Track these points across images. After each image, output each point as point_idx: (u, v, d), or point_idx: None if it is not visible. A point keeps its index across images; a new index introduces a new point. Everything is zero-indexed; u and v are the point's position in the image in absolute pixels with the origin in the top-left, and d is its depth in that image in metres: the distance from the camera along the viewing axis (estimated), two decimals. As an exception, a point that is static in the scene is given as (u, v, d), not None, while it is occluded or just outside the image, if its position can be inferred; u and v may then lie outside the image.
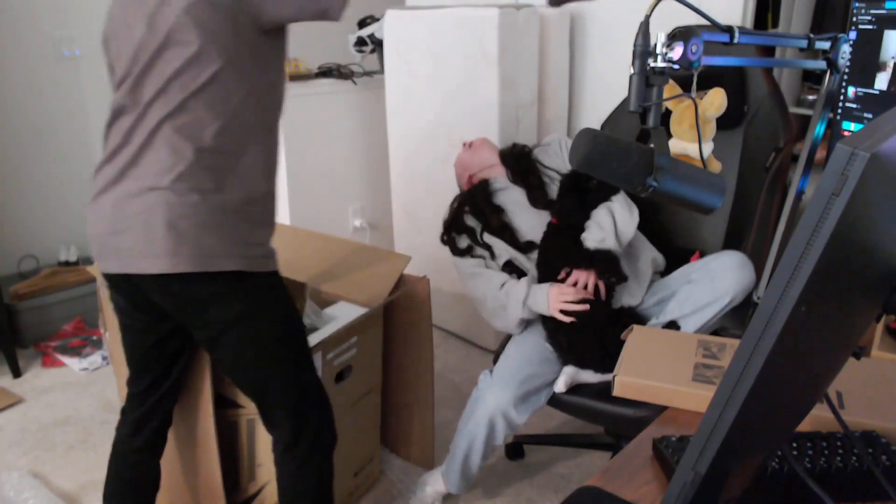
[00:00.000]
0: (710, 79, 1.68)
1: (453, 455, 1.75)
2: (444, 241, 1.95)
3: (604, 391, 1.58)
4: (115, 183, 1.27)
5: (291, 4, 1.24)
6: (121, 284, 1.35)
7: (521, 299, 1.72)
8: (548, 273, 1.74)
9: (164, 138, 1.23)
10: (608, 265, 1.65)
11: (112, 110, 1.30)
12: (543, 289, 1.69)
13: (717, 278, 1.54)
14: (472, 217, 1.92)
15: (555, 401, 1.65)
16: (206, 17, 1.20)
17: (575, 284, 1.68)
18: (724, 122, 1.74)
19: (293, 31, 1.36)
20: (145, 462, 1.51)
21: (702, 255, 1.70)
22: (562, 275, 1.71)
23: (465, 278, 1.89)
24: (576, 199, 1.79)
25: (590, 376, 1.63)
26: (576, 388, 1.63)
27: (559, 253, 1.74)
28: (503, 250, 1.85)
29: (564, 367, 1.65)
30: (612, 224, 1.71)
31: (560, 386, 1.61)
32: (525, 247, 1.83)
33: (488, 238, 1.88)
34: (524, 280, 1.76)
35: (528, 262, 1.83)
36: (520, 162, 1.96)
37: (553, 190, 1.89)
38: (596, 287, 1.68)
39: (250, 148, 1.30)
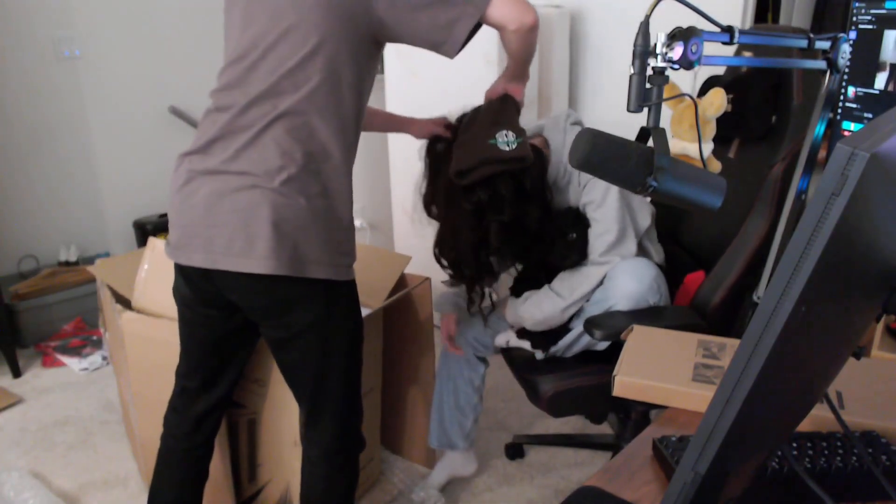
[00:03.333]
0: (739, 84, 1.60)
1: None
2: None
3: (534, 362, 1.70)
4: (212, 174, 1.23)
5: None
6: (194, 277, 1.30)
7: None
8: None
9: (273, 138, 1.20)
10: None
11: (218, 94, 1.26)
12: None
13: (610, 278, 1.55)
14: None
15: (502, 350, 1.84)
16: (328, 19, 1.19)
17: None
18: (748, 133, 1.65)
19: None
20: (202, 458, 1.50)
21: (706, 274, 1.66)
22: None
23: None
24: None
25: (525, 345, 1.71)
26: (516, 352, 1.76)
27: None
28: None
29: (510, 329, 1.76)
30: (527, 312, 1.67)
31: (499, 340, 1.76)
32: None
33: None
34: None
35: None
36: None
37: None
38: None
39: (349, 153, 1.28)
